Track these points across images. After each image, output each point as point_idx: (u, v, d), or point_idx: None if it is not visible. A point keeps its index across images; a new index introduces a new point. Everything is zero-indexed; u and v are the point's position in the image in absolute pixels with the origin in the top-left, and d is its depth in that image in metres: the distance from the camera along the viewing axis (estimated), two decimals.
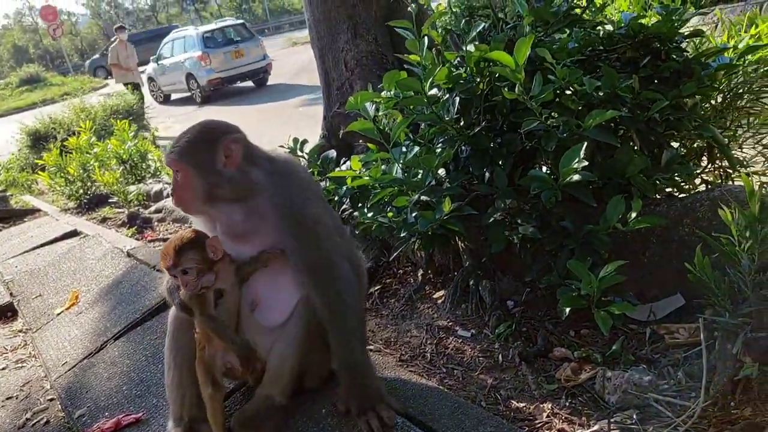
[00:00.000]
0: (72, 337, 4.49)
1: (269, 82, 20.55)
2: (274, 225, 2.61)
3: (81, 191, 8.77)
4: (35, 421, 3.58)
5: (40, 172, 9.44)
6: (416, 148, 3.50)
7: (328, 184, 4.08)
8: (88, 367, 3.95)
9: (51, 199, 9.86)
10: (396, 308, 3.76)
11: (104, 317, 4.60)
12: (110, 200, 8.26)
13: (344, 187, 3.96)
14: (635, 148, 3.57)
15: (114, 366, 3.82)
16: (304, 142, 4.19)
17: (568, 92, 3.50)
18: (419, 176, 3.57)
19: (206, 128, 2.65)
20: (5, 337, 5.09)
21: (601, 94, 3.42)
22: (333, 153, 4.08)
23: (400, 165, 3.59)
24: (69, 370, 4.00)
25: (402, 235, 3.34)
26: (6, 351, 4.77)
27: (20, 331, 5.15)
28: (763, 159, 3.98)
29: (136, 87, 16.43)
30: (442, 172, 3.77)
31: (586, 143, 3.13)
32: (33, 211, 9.47)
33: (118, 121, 9.77)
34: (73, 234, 7.14)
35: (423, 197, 3.48)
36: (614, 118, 3.31)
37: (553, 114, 3.38)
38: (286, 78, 20.43)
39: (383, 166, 3.82)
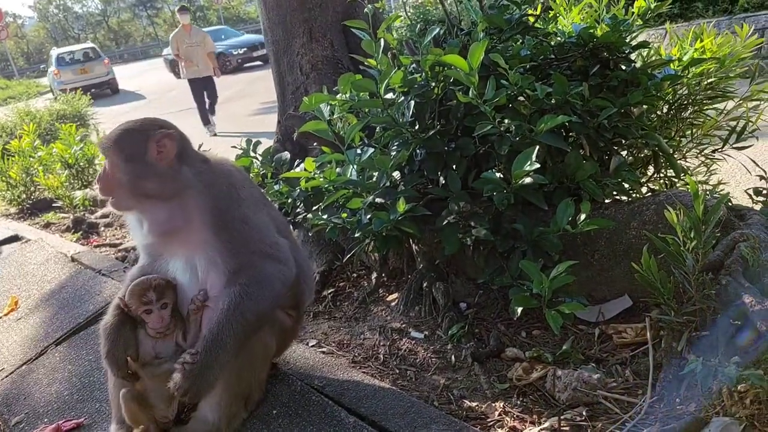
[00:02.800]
0: (10, 344, 4.30)
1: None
2: (200, 224, 2.57)
3: (23, 196, 8.45)
4: None
5: None
6: (371, 150, 3.50)
7: (281, 186, 4.03)
8: (26, 373, 3.78)
9: None
10: (349, 311, 3.73)
11: (45, 322, 4.43)
12: (54, 205, 7.99)
13: (297, 189, 3.92)
14: (585, 154, 3.65)
15: (55, 372, 3.67)
16: (258, 143, 4.13)
17: (521, 98, 3.56)
18: (374, 178, 3.57)
19: (143, 121, 2.63)
20: None
21: (552, 100, 3.48)
22: (287, 154, 4.04)
23: (355, 167, 3.59)
24: (6, 376, 3.83)
25: (356, 235, 3.33)
26: None
27: None
28: (705, 168, 4.12)
29: (207, 84, 13.37)
30: (397, 174, 3.78)
31: (537, 147, 3.19)
32: None
33: (64, 125, 9.47)
34: (14, 239, 6.86)
35: (377, 199, 3.47)
36: (565, 123, 3.37)
37: (505, 119, 3.43)
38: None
39: (338, 169, 3.81)
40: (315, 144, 4.36)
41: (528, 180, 3.20)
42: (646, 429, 2.40)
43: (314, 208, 3.94)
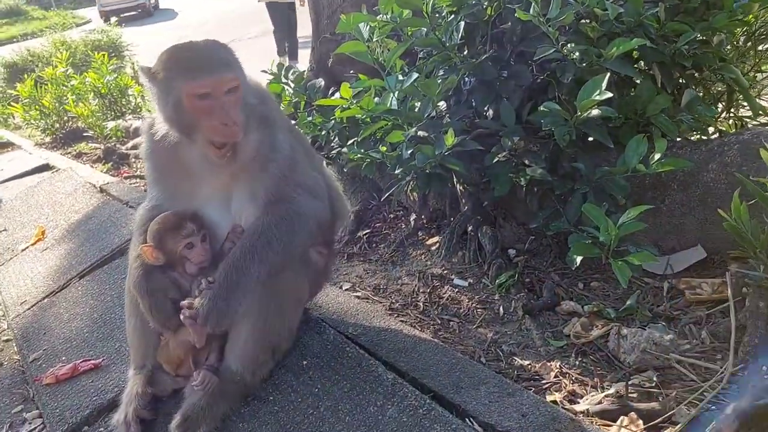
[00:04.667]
0: (35, 275, 4.07)
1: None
2: (254, 153, 2.25)
3: (57, 125, 8.21)
4: None
5: (13, 105, 8.81)
6: (414, 76, 3.06)
7: (314, 117, 3.63)
8: (48, 307, 3.54)
9: (27, 133, 9.26)
10: (386, 254, 3.37)
11: (70, 254, 4.18)
12: (86, 135, 7.72)
13: (332, 120, 3.52)
14: (656, 85, 3.15)
15: (76, 306, 3.42)
16: (290, 68, 3.70)
17: (584, 21, 3.06)
18: (416, 108, 3.14)
19: (224, 45, 2.25)
20: None
21: (622, 22, 2.97)
22: (321, 81, 3.62)
23: (396, 95, 3.15)
24: (28, 309, 3.60)
25: (396, 172, 2.92)
26: None
27: None
28: None
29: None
30: (442, 105, 3.34)
31: (608, 74, 2.71)
32: (6, 145, 8.91)
33: (97, 54, 9.12)
34: (45, 168, 6.64)
35: (420, 132, 3.05)
36: (634, 50, 2.89)
37: (569, 42, 2.94)
38: None
39: (376, 98, 3.38)
40: (351, 72, 3.92)
41: (595, 112, 2.74)
42: (731, 400, 2.02)
43: (350, 141, 3.54)
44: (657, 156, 2.67)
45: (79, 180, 5.62)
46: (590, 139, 3.05)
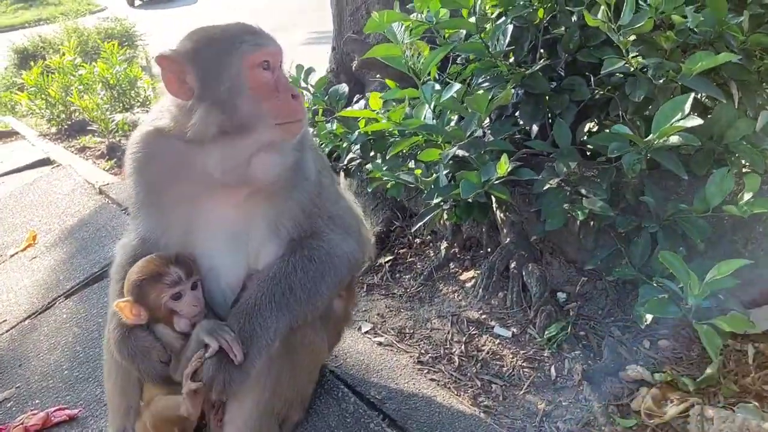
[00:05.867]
0: (19, 288, 3.61)
1: None
2: (274, 176, 1.77)
3: (62, 116, 7.74)
4: None
5: (18, 93, 8.36)
6: (456, 86, 2.56)
7: (335, 127, 3.14)
8: (28, 331, 3.08)
9: (33, 122, 8.82)
10: (411, 287, 2.88)
11: (60, 266, 3.72)
12: (90, 128, 7.25)
13: (356, 133, 3.02)
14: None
15: (59, 333, 2.96)
16: (311, 70, 3.20)
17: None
18: (452, 123, 2.64)
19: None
20: None
21: (696, 33, 2.47)
22: (344, 87, 3.12)
23: (431, 107, 2.66)
24: (6, 331, 3.13)
25: (435, 201, 2.41)
26: None
27: None
28: None
29: None
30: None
31: (692, 95, 2.22)
32: (11, 134, 8.44)
33: (107, 43, 8.64)
34: (45, 162, 6.17)
35: (460, 151, 2.55)
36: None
37: (638, 54, 2.44)
38: None
39: (407, 109, 2.88)
40: (377, 76, 3.43)
41: (674, 139, 2.25)
42: None
43: (373, 155, 3.05)
44: (748, 195, 2.19)
45: (78, 179, 5.16)
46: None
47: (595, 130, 2.85)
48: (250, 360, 1.68)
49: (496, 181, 2.31)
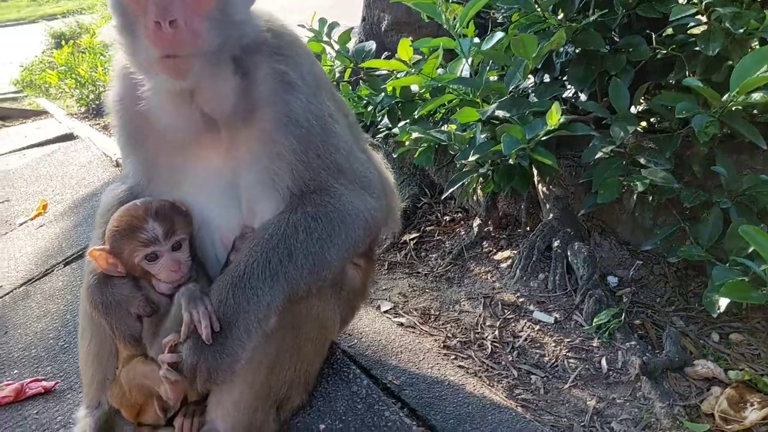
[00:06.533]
0: (21, 255, 3.35)
1: None
2: (268, 113, 1.45)
3: (91, 95, 7.58)
4: None
5: (48, 71, 8.24)
6: (499, 34, 2.20)
7: (359, 89, 2.80)
8: (21, 298, 2.80)
9: (63, 104, 8.70)
10: (439, 267, 2.53)
11: (64, 234, 3.46)
12: None
13: (382, 94, 2.68)
14: None
15: (50, 301, 2.67)
16: (334, 25, 2.87)
17: None
18: (488, 80, 2.28)
19: None
20: None
21: None
22: (372, 44, 2.78)
23: (469, 62, 2.31)
24: (0, 297, 2.87)
25: (470, 159, 2.05)
26: None
27: None
28: None
29: None
30: (527, 81, 2.48)
31: None
32: (40, 113, 8.33)
33: None
34: (68, 138, 5.97)
35: (500, 111, 2.20)
36: None
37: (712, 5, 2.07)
38: None
39: (439, 70, 2.53)
40: (411, 40, 3.09)
41: (757, 96, 1.86)
42: None
43: (401, 123, 2.71)
44: None
45: (96, 151, 4.93)
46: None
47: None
48: (236, 341, 1.35)
49: (544, 137, 1.94)
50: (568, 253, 2.26)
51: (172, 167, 1.57)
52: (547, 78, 2.54)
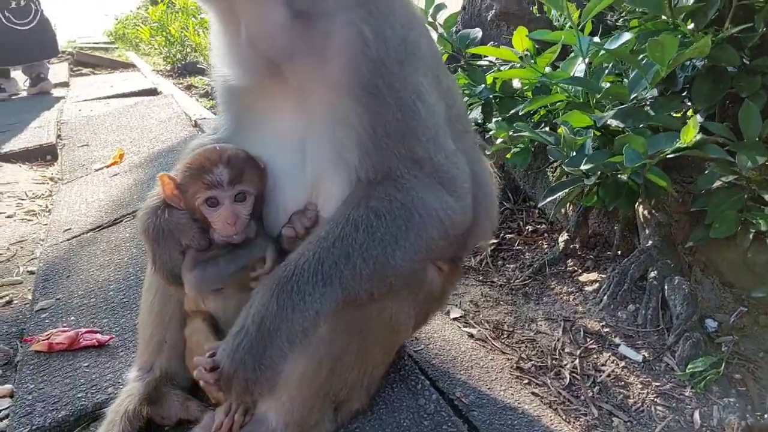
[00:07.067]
0: (93, 200, 3.35)
1: None
2: (342, 69, 1.25)
3: (178, 55, 7.69)
4: None
5: (141, 26, 8.39)
6: (627, 35, 1.98)
7: (456, 77, 2.62)
8: (87, 243, 2.77)
9: (151, 60, 8.87)
10: (516, 279, 2.34)
11: (136, 186, 3.43)
12: (201, 67, 7.12)
13: (482, 86, 2.50)
14: None
15: (115, 251, 2.63)
16: (441, 6, 2.68)
17: None
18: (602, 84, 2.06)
19: None
20: (33, 181, 4.03)
21: None
22: (478, 32, 2.59)
23: (585, 61, 2.09)
24: (66, 240, 2.85)
25: (582, 167, 1.83)
26: (25, 197, 3.69)
27: (51, 178, 4.08)
28: None
29: None
30: (645, 92, 2.23)
31: None
32: (128, 66, 8.53)
33: None
34: (151, 92, 6.05)
35: (613, 120, 1.98)
36: None
37: None
38: None
39: (546, 68, 2.32)
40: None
41: None
42: None
43: (497, 119, 2.51)
44: None
45: (177, 109, 4.93)
46: None
47: None
48: (277, 351, 1.19)
49: (671, 155, 1.72)
50: (665, 287, 2.03)
51: (252, 122, 1.44)
52: (668, 91, 2.29)
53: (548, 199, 2.03)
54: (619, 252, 2.31)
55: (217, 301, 1.44)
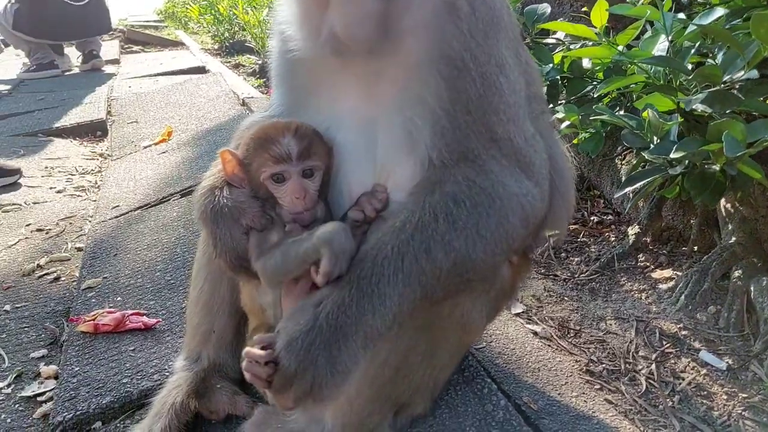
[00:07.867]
0: (141, 178, 3.30)
1: None
2: (420, 42, 1.14)
3: (226, 33, 7.64)
4: (44, 272, 2.41)
5: (190, 4, 8.36)
6: (720, 11, 1.77)
7: None
8: (135, 221, 2.71)
9: (199, 39, 8.85)
10: (581, 274, 2.17)
11: (184, 164, 3.37)
12: (249, 46, 7.05)
13: (549, 65, 2.31)
14: None
15: (162, 231, 2.56)
16: None
17: None
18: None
19: None
20: (83, 156, 4.01)
21: None
22: (546, 7, 2.40)
23: (669, 38, 1.89)
24: (114, 218, 2.80)
25: (672, 156, 1.63)
26: (74, 173, 3.68)
27: (101, 154, 4.06)
28: None
29: None
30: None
31: None
32: (177, 44, 8.53)
33: None
34: (200, 71, 6.00)
35: (700, 105, 1.77)
36: None
37: None
38: None
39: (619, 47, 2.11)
40: (584, 9, 2.67)
41: None
42: None
43: (563, 102, 2.33)
44: None
45: (225, 87, 4.86)
46: None
47: None
48: (351, 355, 1.05)
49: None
50: (752, 288, 1.83)
51: (312, 100, 1.31)
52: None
53: (626, 189, 1.84)
54: (696, 248, 2.11)
55: (275, 293, 1.32)
